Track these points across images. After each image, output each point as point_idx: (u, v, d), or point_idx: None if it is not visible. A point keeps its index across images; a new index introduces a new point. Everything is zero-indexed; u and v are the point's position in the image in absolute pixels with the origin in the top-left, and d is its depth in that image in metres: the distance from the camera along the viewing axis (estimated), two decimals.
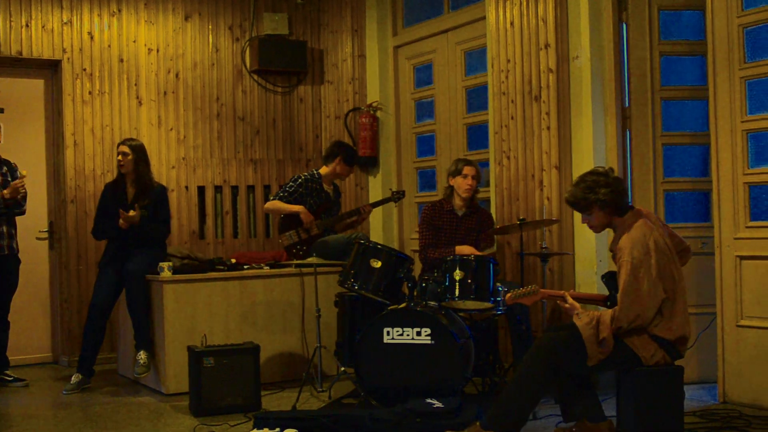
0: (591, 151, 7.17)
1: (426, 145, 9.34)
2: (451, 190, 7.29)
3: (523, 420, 5.23)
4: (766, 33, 6.34)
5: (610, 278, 5.31)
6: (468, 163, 7.26)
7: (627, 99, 7.21)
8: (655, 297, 4.99)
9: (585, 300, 5.36)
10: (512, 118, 7.72)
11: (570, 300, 5.16)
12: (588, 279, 7.19)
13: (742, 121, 6.37)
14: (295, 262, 7.35)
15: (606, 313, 4.98)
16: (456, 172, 7.23)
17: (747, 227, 6.36)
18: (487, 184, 8.03)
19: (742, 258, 6.41)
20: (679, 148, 7.22)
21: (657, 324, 5.05)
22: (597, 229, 5.33)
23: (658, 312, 5.02)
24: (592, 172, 5.30)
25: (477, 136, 8.61)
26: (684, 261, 5.36)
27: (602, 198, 5.11)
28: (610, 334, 4.94)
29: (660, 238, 5.10)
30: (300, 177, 8.14)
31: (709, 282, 6.78)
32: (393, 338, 6.15)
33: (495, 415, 5.20)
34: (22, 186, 7.48)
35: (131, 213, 7.38)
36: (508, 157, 7.76)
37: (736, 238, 6.42)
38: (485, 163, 8.04)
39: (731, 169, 6.42)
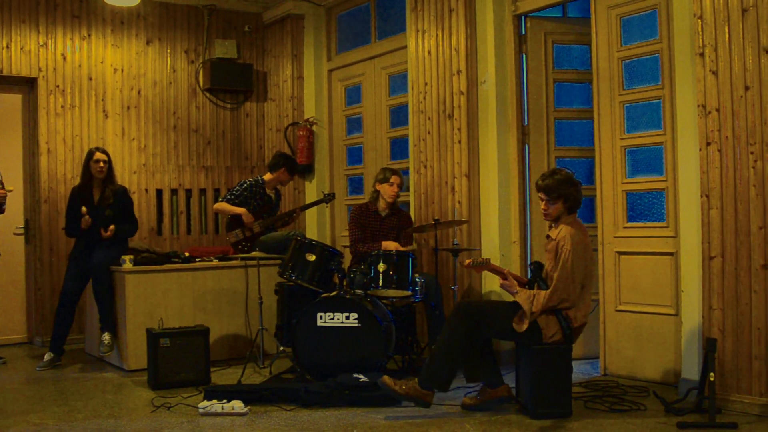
0: (496, 162, 7.19)
1: (355, 155, 9.32)
2: (377, 194, 7.25)
3: (452, 376, 5.26)
4: (640, 65, 6.42)
5: (537, 267, 5.36)
6: (395, 173, 7.24)
7: (526, 118, 7.24)
8: (578, 285, 5.10)
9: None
10: (429, 133, 7.71)
11: (510, 278, 5.19)
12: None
13: (621, 138, 6.47)
14: (240, 256, 7.34)
15: (541, 293, 5.03)
16: (384, 180, 7.21)
17: (624, 227, 6.45)
18: (408, 189, 8.02)
19: (620, 253, 6.49)
20: (569, 160, 7.24)
21: (576, 305, 5.16)
22: (550, 216, 5.29)
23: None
24: (561, 171, 5.30)
25: (399, 147, 8.59)
26: None
27: (573, 194, 5.20)
28: (539, 311, 5.01)
29: (587, 238, 5.23)
30: (246, 182, 8.06)
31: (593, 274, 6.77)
32: (325, 322, 6.16)
33: (427, 375, 5.23)
34: (4, 196, 7.23)
35: (108, 233, 7.29)
36: (425, 167, 7.74)
37: (615, 237, 6.51)
38: (406, 171, 8.03)
39: (612, 179, 6.49)
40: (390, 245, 6.83)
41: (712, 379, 4.89)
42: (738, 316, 5.22)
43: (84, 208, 7.25)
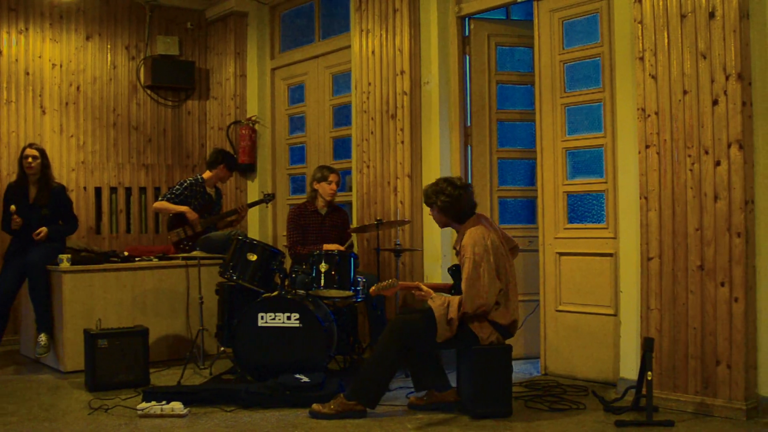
0: (438, 162, 7.14)
1: (298, 154, 9.21)
2: (315, 193, 7.19)
3: (382, 391, 5.25)
4: (581, 68, 6.46)
5: (455, 271, 5.33)
6: (332, 171, 7.17)
7: (469, 119, 7.20)
8: (494, 288, 5.02)
9: (433, 289, 5.34)
10: (372, 133, 7.64)
11: (424, 288, 5.15)
12: (434, 271, 7.17)
13: (562, 140, 6.48)
14: (181, 255, 7.22)
15: (455, 300, 4.98)
16: (322, 178, 7.14)
17: (565, 228, 6.46)
18: (350, 189, 7.92)
19: (560, 254, 6.50)
20: (510, 161, 7.22)
21: (495, 310, 5.09)
22: (438, 224, 5.34)
23: (496, 301, 5.06)
24: (447, 180, 5.27)
25: (342, 147, 8.51)
26: (514, 256, 5.42)
27: (439, 204, 5.17)
28: (456, 317, 4.95)
29: (495, 239, 5.13)
30: (186, 181, 7.96)
31: (534, 274, 6.85)
32: (266, 322, 6.08)
33: (357, 388, 5.20)
34: None
35: (40, 236, 7.13)
36: (368, 166, 7.67)
37: (556, 238, 6.52)
38: (348, 171, 7.94)
39: (553, 180, 6.51)
40: (331, 247, 6.77)
41: (649, 378, 4.92)
42: (675, 316, 5.27)
43: (13, 207, 7.07)
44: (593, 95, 6.30)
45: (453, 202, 5.14)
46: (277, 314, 6.06)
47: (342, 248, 6.76)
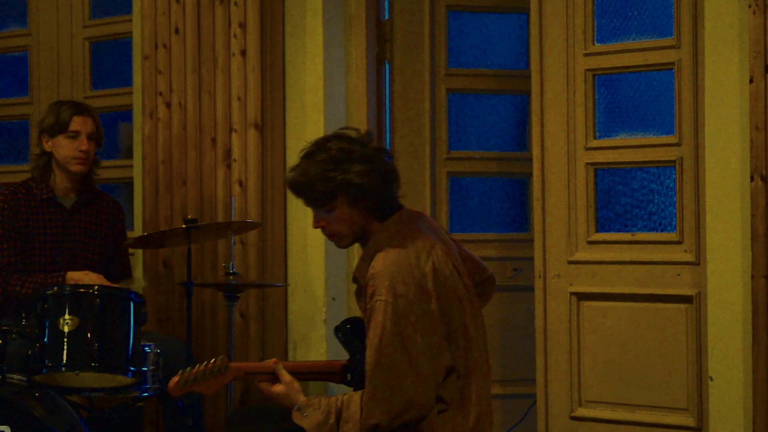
0: (320, 96, 4.96)
1: (9, 74, 6.37)
2: (47, 158, 4.73)
3: None
4: None
5: (352, 332, 3.49)
6: (83, 110, 4.68)
7: (386, 5, 5.12)
8: (433, 370, 3.27)
9: (308, 373, 3.59)
10: (177, 30, 5.13)
11: (284, 375, 3.34)
12: (312, 332, 5.01)
13: (585, 53, 4.76)
14: None
15: (353, 400, 3.25)
16: (57, 128, 4.65)
17: (590, 242, 4.62)
18: (128, 155, 5.59)
19: (581, 297, 4.64)
20: (475, 96, 5.23)
21: (438, 417, 3.29)
22: (342, 239, 3.38)
23: (439, 396, 3.31)
24: (337, 136, 3.42)
25: (109, 60, 5.86)
26: (485, 300, 3.68)
27: (355, 181, 3.30)
28: None
29: (445, 262, 3.31)
30: None
31: (526, 339, 4.91)
32: None
33: None
34: None
35: None
36: (168, 104, 5.17)
37: (571, 262, 4.65)
38: (123, 115, 5.55)
39: (565, 138, 4.60)
40: (81, 277, 4.62)
41: None
42: None
43: None
44: None
45: (377, 171, 3.31)
46: None
47: (106, 281, 4.62)
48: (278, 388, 3.22)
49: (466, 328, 3.25)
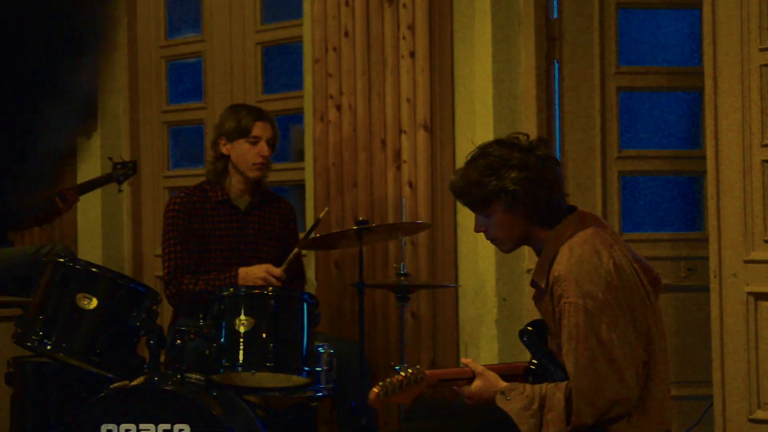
0: (489, 98, 4.86)
1: (183, 78, 6.41)
2: (224, 162, 4.81)
3: None
4: None
5: (535, 334, 3.52)
6: (261, 116, 4.75)
7: (555, 6, 5.02)
8: (633, 362, 3.27)
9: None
10: (346, 34, 5.18)
11: (478, 368, 3.35)
12: (483, 333, 4.91)
13: (760, 48, 4.70)
14: None
15: (558, 388, 3.24)
16: (238, 132, 4.73)
17: (767, 241, 4.50)
18: (299, 157, 5.68)
19: (759, 297, 4.56)
20: (648, 95, 5.13)
21: (625, 419, 3.32)
22: (503, 244, 3.46)
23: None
24: (500, 142, 3.48)
25: (279, 65, 5.95)
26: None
27: (509, 187, 3.31)
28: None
29: (626, 262, 3.31)
30: None
31: (699, 340, 4.88)
32: None
33: None
34: None
35: None
36: (338, 107, 5.23)
37: (748, 261, 4.59)
38: (294, 118, 5.61)
39: (740, 136, 4.48)
40: (256, 273, 4.68)
41: None
42: None
43: None
44: None
45: (535, 179, 3.29)
46: (143, 427, 4.18)
47: (274, 269, 4.73)
48: (477, 383, 3.26)
49: (649, 326, 3.28)
